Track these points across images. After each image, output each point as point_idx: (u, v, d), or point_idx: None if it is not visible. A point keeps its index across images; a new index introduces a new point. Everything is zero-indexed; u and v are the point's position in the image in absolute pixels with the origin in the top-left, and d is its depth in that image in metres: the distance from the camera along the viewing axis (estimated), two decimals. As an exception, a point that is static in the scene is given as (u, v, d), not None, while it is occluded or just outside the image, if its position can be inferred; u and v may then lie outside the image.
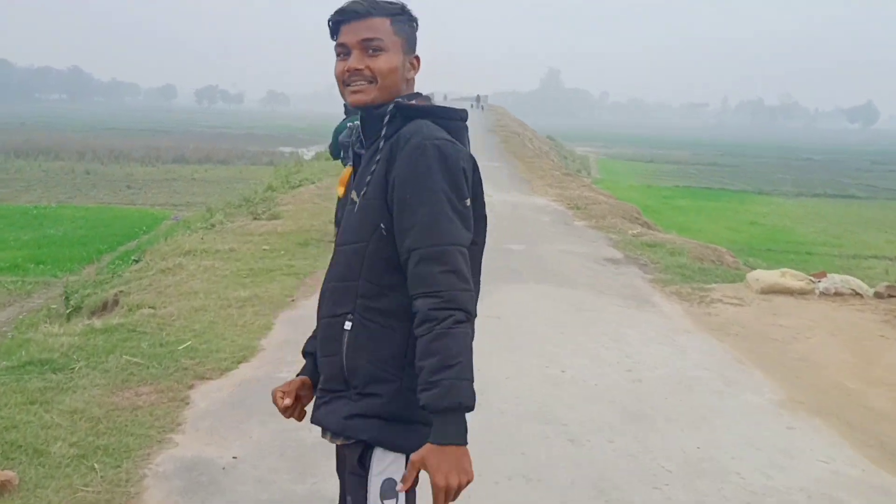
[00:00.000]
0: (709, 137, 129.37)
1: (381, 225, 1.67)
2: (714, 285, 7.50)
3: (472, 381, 1.56)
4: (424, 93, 1.84)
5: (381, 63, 1.69)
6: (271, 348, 5.01)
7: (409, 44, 1.75)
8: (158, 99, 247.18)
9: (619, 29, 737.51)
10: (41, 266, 15.52)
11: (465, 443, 1.54)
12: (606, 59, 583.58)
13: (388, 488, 1.68)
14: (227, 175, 39.35)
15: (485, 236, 1.80)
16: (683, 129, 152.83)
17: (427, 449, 1.53)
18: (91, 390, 3.95)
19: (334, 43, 1.72)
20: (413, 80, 1.78)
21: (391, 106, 1.71)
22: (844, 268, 21.50)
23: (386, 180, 1.67)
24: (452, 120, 1.75)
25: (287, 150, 58.11)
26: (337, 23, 1.71)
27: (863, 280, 19.80)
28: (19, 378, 4.01)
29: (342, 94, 1.73)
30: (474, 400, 1.55)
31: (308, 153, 46.58)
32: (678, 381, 4.70)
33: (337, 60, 1.72)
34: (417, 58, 1.77)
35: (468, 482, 1.53)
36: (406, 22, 1.75)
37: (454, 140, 1.69)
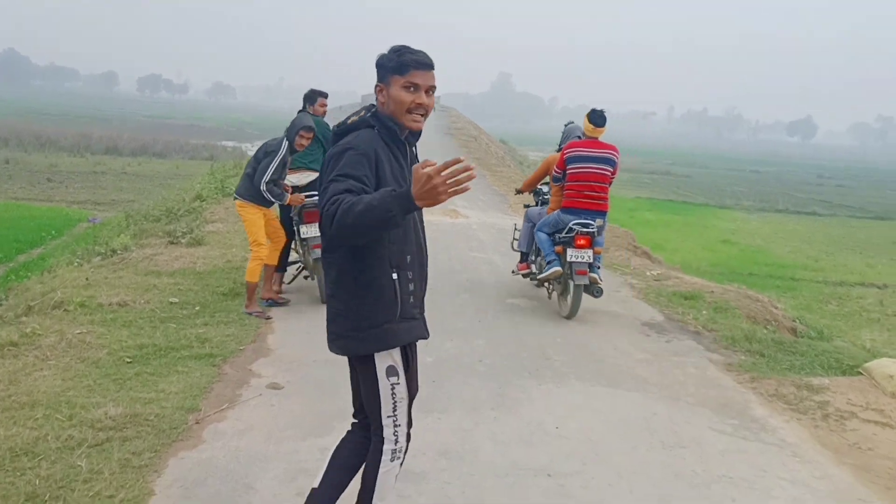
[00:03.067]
0: (657, 146, 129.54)
1: None
2: (823, 380, 5.22)
3: None
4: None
5: (432, 103, 2.41)
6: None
7: None
8: (100, 86, 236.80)
9: (569, 34, 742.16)
10: None
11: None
12: (556, 64, 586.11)
13: None
14: (163, 170, 36.22)
15: None
16: (632, 137, 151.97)
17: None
18: None
19: (400, 76, 2.28)
20: None
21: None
22: (835, 296, 19.92)
23: None
24: None
25: (230, 144, 54.93)
26: (411, 65, 2.26)
27: (860, 311, 18.01)
28: None
29: (399, 116, 2.32)
30: None
31: (252, 149, 43.77)
32: None
33: (404, 91, 2.28)
34: None
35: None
36: None
37: None
